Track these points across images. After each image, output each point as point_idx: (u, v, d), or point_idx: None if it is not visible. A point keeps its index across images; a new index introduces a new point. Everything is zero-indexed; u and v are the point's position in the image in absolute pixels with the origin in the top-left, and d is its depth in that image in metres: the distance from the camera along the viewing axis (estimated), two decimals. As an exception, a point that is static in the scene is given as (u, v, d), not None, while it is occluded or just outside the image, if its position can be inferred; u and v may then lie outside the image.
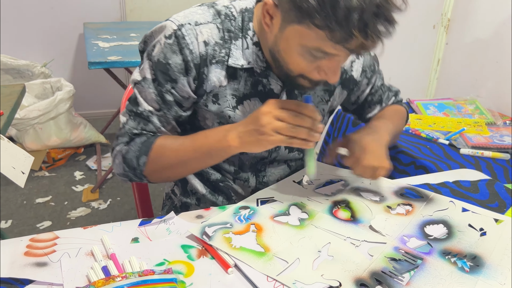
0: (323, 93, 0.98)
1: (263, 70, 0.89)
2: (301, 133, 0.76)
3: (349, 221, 0.83)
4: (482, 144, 1.29)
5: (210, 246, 0.74)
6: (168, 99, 0.87)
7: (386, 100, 1.11)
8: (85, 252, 0.73)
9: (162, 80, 0.86)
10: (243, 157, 0.98)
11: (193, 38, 0.84)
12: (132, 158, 0.89)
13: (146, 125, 0.90)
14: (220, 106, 0.90)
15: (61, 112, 2.66)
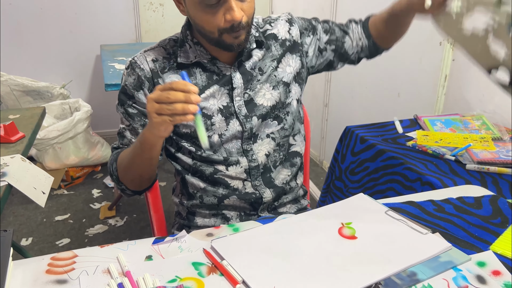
0: (271, 62, 1.11)
1: (209, 60, 1.05)
2: (176, 109, 0.82)
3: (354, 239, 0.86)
4: (488, 159, 1.31)
5: (219, 263, 0.78)
6: (131, 112, 1.06)
7: (347, 26, 1.22)
8: (102, 269, 0.77)
9: (124, 99, 1.07)
10: (225, 144, 1.08)
11: (142, 60, 1.05)
12: (110, 166, 1.08)
13: (123, 140, 1.09)
14: None
15: (79, 132, 2.75)
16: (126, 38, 3.20)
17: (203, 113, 1.06)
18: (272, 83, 1.11)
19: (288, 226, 0.90)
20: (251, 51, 1.09)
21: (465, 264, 0.80)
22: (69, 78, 3.17)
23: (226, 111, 1.07)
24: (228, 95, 1.07)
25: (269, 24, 1.15)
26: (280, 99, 1.12)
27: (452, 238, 0.87)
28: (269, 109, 1.10)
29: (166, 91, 0.83)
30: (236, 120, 1.08)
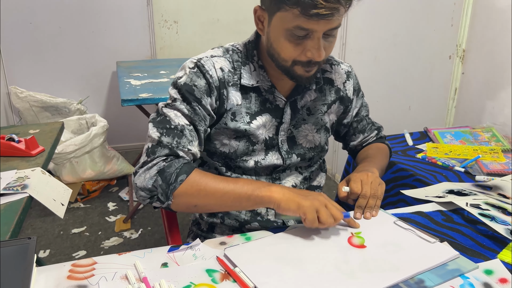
0: (322, 106, 1.13)
1: (269, 88, 1.05)
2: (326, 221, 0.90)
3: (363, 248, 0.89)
4: (497, 170, 1.32)
5: (232, 270, 0.81)
6: (198, 112, 0.99)
7: (369, 131, 1.26)
8: (120, 275, 0.81)
9: (189, 98, 0.98)
10: (258, 169, 1.08)
11: (210, 66, 1.01)
12: (172, 172, 0.92)
13: (180, 139, 0.96)
14: (237, 123, 1.04)
15: (96, 146, 2.81)
16: (141, 55, 3.28)
17: (249, 139, 1.06)
18: (317, 127, 1.13)
19: (299, 235, 0.93)
20: (307, 91, 1.10)
21: (473, 272, 0.82)
22: (86, 94, 3.25)
23: (269, 142, 1.08)
24: (276, 128, 1.08)
25: (330, 66, 1.15)
26: (320, 143, 1.14)
27: (459, 246, 0.89)
28: (307, 151, 1.13)
29: (329, 215, 0.90)
30: (276, 153, 1.09)
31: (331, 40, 0.95)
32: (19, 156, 1.54)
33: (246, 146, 1.07)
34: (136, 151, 3.38)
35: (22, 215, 1.19)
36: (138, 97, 2.15)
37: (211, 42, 3.36)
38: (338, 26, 0.93)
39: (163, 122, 0.98)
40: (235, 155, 1.07)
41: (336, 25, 0.92)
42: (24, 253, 0.78)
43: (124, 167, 2.96)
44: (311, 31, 0.90)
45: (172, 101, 0.99)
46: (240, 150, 1.07)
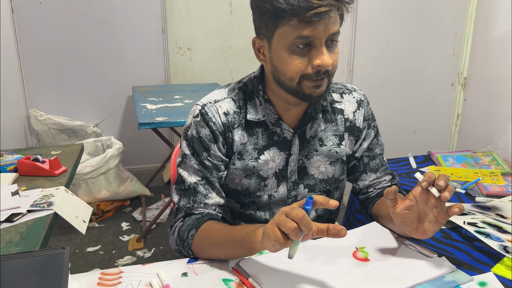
0: (334, 137, 1.13)
1: (276, 121, 1.07)
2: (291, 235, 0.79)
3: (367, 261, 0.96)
4: (496, 192, 1.39)
5: (246, 280, 0.89)
6: (207, 165, 1.06)
7: (382, 173, 1.20)
8: (145, 283, 0.89)
9: (198, 151, 1.06)
10: (272, 203, 1.13)
11: (214, 112, 1.06)
12: (185, 230, 1.02)
13: (195, 196, 1.05)
14: (244, 161, 1.09)
15: (111, 167, 2.91)
16: (156, 80, 3.42)
17: (259, 175, 1.09)
18: (331, 159, 1.13)
19: (308, 249, 1.00)
20: (315, 120, 1.11)
21: (468, 283, 0.88)
22: (102, 118, 3.38)
23: (280, 174, 1.11)
24: (285, 160, 1.10)
25: (341, 95, 1.16)
26: (334, 176, 1.15)
27: (456, 261, 0.96)
28: (318, 182, 1.13)
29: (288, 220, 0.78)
30: (285, 184, 1.12)
31: (334, 49, 0.96)
32: (43, 176, 1.64)
33: (257, 182, 1.10)
34: (149, 172, 3.47)
35: (49, 230, 1.28)
36: (155, 121, 2.26)
37: (223, 68, 3.49)
38: (337, 32, 0.94)
39: (180, 183, 1.08)
40: (248, 192, 1.12)
41: (335, 31, 0.93)
42: (59, 261, 0.86)
43: (138, 188, 3.05)
44: (312, 38, 0.91)
45: (184, 157, 1.07)
46: (252, 187, 1.11)
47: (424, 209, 0.92)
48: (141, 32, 3.29)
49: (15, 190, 1.46)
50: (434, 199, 0.90)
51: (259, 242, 0.85)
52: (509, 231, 1.08)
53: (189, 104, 2.63)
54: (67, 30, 3.17)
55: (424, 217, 0.93)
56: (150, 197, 3.14)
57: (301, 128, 1.09)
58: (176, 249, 1.05)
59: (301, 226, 0.77)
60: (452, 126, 1.99)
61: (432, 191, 0.89)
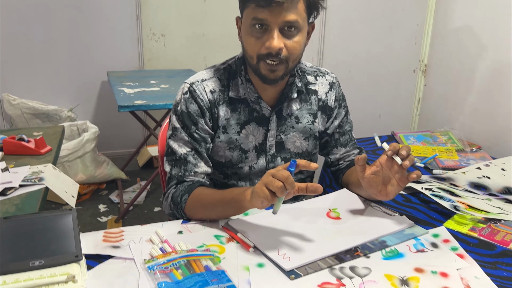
0: (308, 115, 1.25)
1: (255, 99, 1.19)
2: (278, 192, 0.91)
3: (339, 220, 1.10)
4: (451, 166, 1.57)
5: (235, 235, 1.01)
6: (196, 137, 1.17)
7: (351, 147, 1.34)
8: (145, 239, 1.00)
9: (188, 124, 1.17)
10: (252, 173, 1.25)
11: (201, 90, 1.17)
12: (178, 195, 1.12)
13: (186, 166, 1.16)
14: (228, 134, 1.21)
15: (87, 151, 2.95)
16: (130, 66, 3.46)
17: (241, 148, 1.21)
18: (305, 135, 1.25)
19: (288, 211, 1.13)
20: (291, 100, 1.22)
21: (424, 235, 1.04)
22: (76, 102, 3.40)
23: (259, 148, 1.22)
24: (264, 134, 1.22)
25: (315, 78, 1.27)
26: (307, 150, 1.27)
27: (414, 218, 1.11)
28: (293, 155, 1.25)
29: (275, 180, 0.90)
30: (264, 157, 1.24)
31: (292, 37, 1.05)
32: (29, 155, 1.70)
33: (239, 154, 1.21)
34: (124, 157, 3.53)
35: (43, 202, 1.36)
36: (134, 104, 2.33)
37: (196, 55, 3.57)
38: (294, 21, 1.03)
39: (171, 154, 1.18)
40: (231, 164, 1.23)
41: (291, 19, 1.02)
42: (69, 220, 0.96)
43: (114, 171, 3.11)
44: (266, 22, 1.02)
45: (174, 130, 1.18)
46: (235, 159, 1.22)
47: (388, 174, 1.07)
48: (115, 18, 3.32)
49: (5, 167, 1.52)
50: (397, 166, 1.06)
51: (248, 201, 0.98)
52: (459, 195, 1.25)
53: (166, 89, 2.71)
54: (40, 14, 3.17)
55: (388, 181, 1.08)
56: (126, 180, 3.21)
57: (278, 106, 1.21)
58: (170, 213, 1.16)
59: (286, 184, 0.90)
60: (414, 110, 2.16)
61: (396, 159, 1.04)
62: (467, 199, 1.23)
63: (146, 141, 3.44)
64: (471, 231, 1.07)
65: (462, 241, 1.03)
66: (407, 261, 0.94)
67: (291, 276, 0.88)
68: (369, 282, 0.87)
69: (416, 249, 0.99)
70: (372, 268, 0.91)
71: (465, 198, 1.24)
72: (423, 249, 0.99)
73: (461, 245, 1.01)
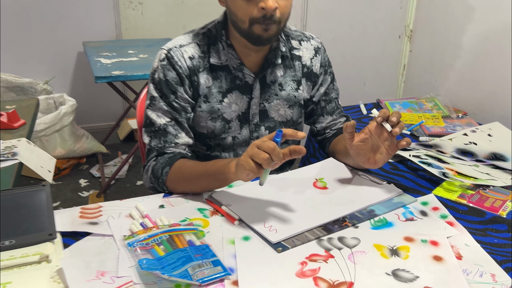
0: (292, 82, 1.20)
1: (238, 66, 1.13)
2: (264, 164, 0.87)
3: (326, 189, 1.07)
4: (437, 132, 1.55)
5: (220, 208, 0.97)
6: (176, 106, 1.11)
7: (338, 115, 1.30)
8: (125, 215, 0.95)
9: (166, 93, 1.11)
10: (236, 144, 1.21)
11: (180, 56, 1.11)
12: (159, 168, 1.07)
13: (166, 137, 1.11)
14: (210, 103, 1.15)
15: (65, 125, 2.87)
16: (107, 35, 3.33)
17: (223, 117, 1.15)
18: (290, 102, 1.20)
19: (273, 181, 1.10)
20: (274, 66, 1.17)
21: (412, 204, 1.02)
22: (51, 75, 3.27)
23: (242, 117, 1.17)
24: (247, 103, 1.17)
25: (299, 42, 1.22)
26: (292, 118, 1.23)
27: (403, 186, 1.09)
28: (277, 124, 1.21)
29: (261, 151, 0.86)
30: (248, 127, 1.19)
31: None
32: (1, 129, 1.62)
33: (222, 124, 1.16)
34: (104, 130, 3.44)
35: (17, 178, 1.30)
36: (111, 75, 2.24)
37: (175, 24, 3.45)
38: None
39: (149, 125, 1.12)
40: (213, 134, 1.18)
41: None
42: (41, 196, 0.91)
43: (94, 145, 3.03)
44: None
45: (152, 100, 1.12)
46: (218, 129, 1.17)
47: (377, 142, 1.04)
48: (89, -15, 3.17)
49: (-24, 142, 1.44)
50: (386, 133, 1.01)
51: (233, 173, 0.94)
52: (447, 161, 1.23)
53: (145, 59, 2.61)
54: (9, -19, 3.01)
55: (376, 149, 1.04)
56: (106, 154, 3.14)
57: (262, 73, 1.16)
58: (151, 187, 1.11)
59: (273, 156, 0.86)
60: (399, 76, 2.13)
61: (385, 126, 1.00)
62: (455, 165, 1.21)
63: (126, 114, 3.35)
64: (460, 198, 1.05)
65: (451, 208, 1.01)
66: (396, 230, 0.92)
67: (278, 249, 0.85)
68: (358, 252, 0.84)
69: (405, 218, 0.96)
70: (361, 238, 0.89)
71: (453, 164, 1.22)
72: (412, 217, 0.96)
73: (450, 212, 0.99)
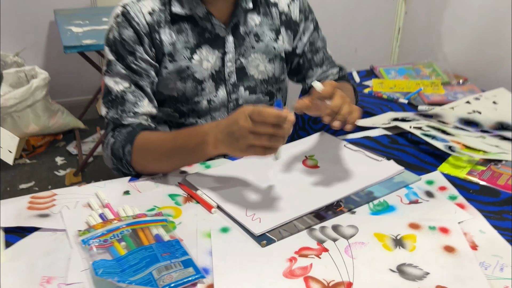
0: (270, 32, 1.06)
1: (204, 15, 0.98)
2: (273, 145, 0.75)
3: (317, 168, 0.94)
4: (437, 101, 1.42)
5: (194, 193, 0.84)
6: (135, 69, 0.96)
7: (328, 66, 1.15)
8: (82, 204, 0.81)
9: (123, 54, 0.96)
10: (212, 108, 1.05)
11: (137, 12, 0.96)
12: (119, 147, 0.92)
13: (123, 106, 0.95)
14: (177, 62, 0.99)
15: (38, 99, 2.69)
16: (80, 2, 3.10)
17: (194, 77, 1.00)
18: (269, 55, 1.06)
19: (257, 161, 0.96)
20: (247, 13, 1.04)
21: (416, 183, 0.89)
22: (22, 46, 3.06)
23: (217, 76, 1.03)
24: (221, 59, 1.02)
25: None
26: (274, 75, 1.09)
27: (404, 163, 0.96)
28: (258, 83, 1.07)
29: (262, 125, 0.72)
30: (225, 87, 1.05)
31: None
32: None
33: (193, 85, 1.01)
34: (82, 104, 3.26)
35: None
36: (82, 44, 2.06)
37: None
38: None
39: (107, 95, 0.97)
40: (185, 98, 1.03)
41: None
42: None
43: (70, 121, 2.87)
44: None
45: (108, 65, 0.97)
46: (189, 91, 1.02)
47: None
48: None
49: None
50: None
51: (212, 146, 0.81)
52: (452, 133, 1.10)
53: (120, 27, 2.42)
54: None
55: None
56: (84, 130, 2.97)
57: (233, 21, 1.01)
58: (114, 168, 0.96)
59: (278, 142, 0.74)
60: (393, 41, 1.98)
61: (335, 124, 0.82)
62: (461, 137, 1.09)
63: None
64: (470, 175, 0.92)
65: (460, 187, 0.88)
66: (400, 215, 0.79)
67: (262, 242, 0.72)
68: (356, 244, 0.72)
69: (409, 200, 0.84)
70: (359, 226, 0.76)
71: (459, 136, 1.09)
72: (416, 199, 0.84)
73: (460, 192, 0.86)
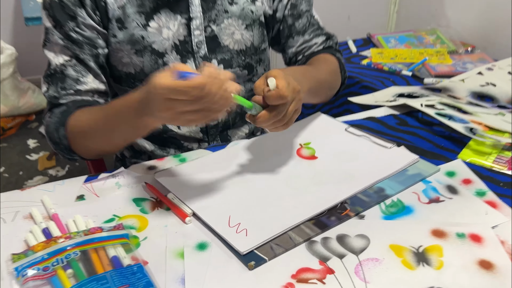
0: None
1: None
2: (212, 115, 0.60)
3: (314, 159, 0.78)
4: (445, 72, 1.26)
5: (165, 197, 0.68)
6: (76, 38, 0.79)
7: (312, 34, 0.97)
8: (23, 215, 0.65)
9: (61, 20, 0.79)
10: None
11: None
12: (53, 130, 0.79)
13: (63, 82, 0.80)
14: (128, 30, 0.81)
15: (5, 77, 2.50)
16: (48, -30, 2.86)
17: (153, 49, 0.83)
18: (246, 21, 0.89)
19: (242, 152, 0.80)
20: None
21: (434, 175, 0.74)
22: (-14, 19, 2.84)
23: (182, 48, 0.85)
24: (186, 26, 0.84)
25: None
26: (253, 44, 0.91)
27: (418, 150, 0.80)
28: (235, 55, 0.90)
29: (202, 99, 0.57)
30: (193, 61, 0.87)
31: None
32: None
33: (153, 59, 0.84)
34: (55, 82, 3.06)
35: None
36: (45, 15, 1.85)
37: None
38: None
39: (47, 70, 0.82)
40: (144, 74, 0.85)
41: None
42: None
43: (43, 100, 2.67)
44: None
45: (46, 33, 0.81)
46: (148, 66, 0.84)
47: None
48: None
49: None
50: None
51: (151, 116, 0.63)
52: (469, 111, 0.95)
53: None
54: None
55: None
56: (59, 109, 2.78)
57: None
58: (59, 153, 0.81)
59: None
60: (391, 6, 1.81)
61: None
62: (480, 116, 0.93)
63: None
64: (498, 164, 0.77)
65: (488, 179, 0.73)
66: (419, 219, 0.64)
67: (249, 264, 0.56)
68: (369, 261, 0.57)
69: (428, 198, 0.68)
70: (370, 236, 0.61)
71: (477, 115, 0.94)
72: (437, 197, 0.69)
73: (488, 185, 0.71)
